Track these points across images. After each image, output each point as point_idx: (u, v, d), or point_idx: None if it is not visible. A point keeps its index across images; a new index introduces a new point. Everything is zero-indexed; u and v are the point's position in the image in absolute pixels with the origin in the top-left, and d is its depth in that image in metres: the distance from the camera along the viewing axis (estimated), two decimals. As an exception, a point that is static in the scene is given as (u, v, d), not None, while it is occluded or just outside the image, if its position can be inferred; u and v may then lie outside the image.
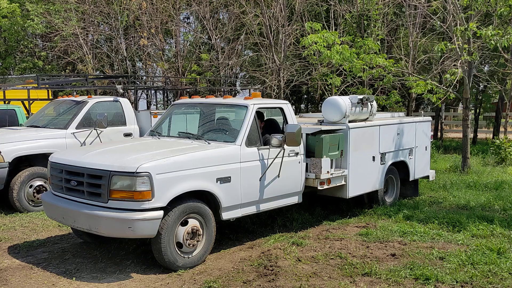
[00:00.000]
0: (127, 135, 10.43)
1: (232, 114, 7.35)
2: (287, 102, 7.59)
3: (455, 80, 11.86)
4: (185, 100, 8.06)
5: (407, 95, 19.20)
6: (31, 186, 8.95)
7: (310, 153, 7.49)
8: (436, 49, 11.74)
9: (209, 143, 6.55)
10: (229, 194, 6.30)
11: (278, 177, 6.88)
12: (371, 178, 8.49)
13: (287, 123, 7.25)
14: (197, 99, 7.97)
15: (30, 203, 8.95)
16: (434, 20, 15.09)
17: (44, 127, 9.83)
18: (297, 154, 7.23)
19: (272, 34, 17.03)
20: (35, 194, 8.97)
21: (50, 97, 15.25)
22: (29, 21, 21.23)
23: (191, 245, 5.94)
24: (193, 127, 7.54)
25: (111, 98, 10.64)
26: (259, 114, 7.24)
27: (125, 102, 10.72)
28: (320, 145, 7.36)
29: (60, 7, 20.98)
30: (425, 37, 18.30)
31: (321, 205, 8.92)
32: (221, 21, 22.52)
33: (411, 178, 9.61)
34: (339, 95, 15.10)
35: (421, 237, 7.13)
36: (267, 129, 7.54)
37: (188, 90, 17.47)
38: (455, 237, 7.13)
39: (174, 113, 7.90)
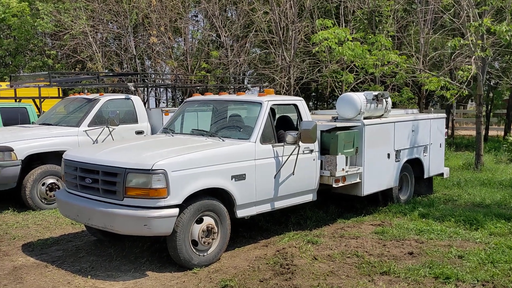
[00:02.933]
0: (139, 132, 10.40)
1: (246, 111, 7.29)
2: (302, 98, 7.51)
3: (469, 77, 11.72)
4: (198, 97, 7.99)
5: (418, 92, 19.04)
6: (43, 184, 8.94)
7: (324, 150, 7.41)
8: (449, 45, 11.59)
9: (223, 140, 6.50)
10: (243, 191, 6.23)
11: (293, 174, 6.81)
12: (386, 176, 8.40)
13: (301, 120, 7.17)
14: (210, 96, 7.91)
15: (43, 201, 8.94)
16: (447, 15, 14.91)
17: (56, 125, 9.81)
18: (311, 151, 7.15)
19: (282, 31, 16.93)
20: (48, 192, 8.95)
21: (61, 95, 15.26)
22: (39, 19, 21.27)
23: (206, 243, 5.89)
24: (206, 124, 7.47)
25: (122, 96, 10.60)
26: (272, 111, 7.17)
27: (136, 100, 10.68)
28: (335, 142, 7.27)
29: (69, 6, 21.00)
30: (436, 33, 18.12)
31: (334, 203, 8.83)
32: (229, 18, 22.45)
33: (425, 176, 9.50)
34: (349, 92, 14.98)
35: (438, 235, 7.03)
36: (280, 126, 7.46)
37: (198, 87, 17.41)
38: (473, 235, 7.03)
39: (187, 110, 7.84)
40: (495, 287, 5.17)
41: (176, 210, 5.53)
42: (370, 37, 13.03)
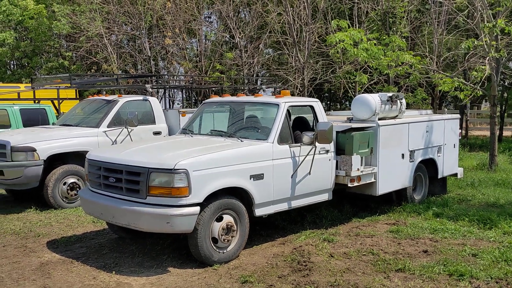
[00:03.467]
0: (157, 133, 10.61)
1: (263, 112, 7.45)
2: (317, 100, 7.66)
3: (483, 77, 11.78)
4: (217, 98, 8.18)
5: (432, 93, 19.07)
6: (64, 183, 9.18)
7: (340, 150, 7.55)
8: (463, 46, 11.67)
9: (242, 141, 6.66)
10: (262, 191, 6.40)
11: (309, 174, 6.96)
12: (400, 176, 8.51)
13: (317, 121, 7.32)
14: (228, 98, 8.08)
15: (64, 199, 9.19)
16: (460, 16, 14.96)
17: (76, 126, 10.05)
18: (327, 151, 7.30)
19: (296, 32, 17.07)
20: (69, 191, 9.20)
21: (78, 97, 15.58)
22: (55, 21, 21.63)
23: (226, 240, 6.06)
24: (224, 125, 7.66)
25: (140, 97, 10.82)
26: (288, 112, 7.32)
27: (154, 101, 10.90)
28: (351, 143, 7.41)
29: (85, 8, 21.34)
30: (449, 34, 18.16)
31: (349, 202, 8.96)
32: (243, 20, 22.64)
33: (439, 176, 9.58)
34: (362, 93, 15.09)
35: (452, 234, 7.13)
36: (296, 127, 7.62)
37: (213, 89, 17.61)
38: (486, 234, 7.12)
39: (205, 112, 8.03)
40: (509, 284, 5.28)
41: (197, 209, 5.71)
42: (384, 38, 13.14)
